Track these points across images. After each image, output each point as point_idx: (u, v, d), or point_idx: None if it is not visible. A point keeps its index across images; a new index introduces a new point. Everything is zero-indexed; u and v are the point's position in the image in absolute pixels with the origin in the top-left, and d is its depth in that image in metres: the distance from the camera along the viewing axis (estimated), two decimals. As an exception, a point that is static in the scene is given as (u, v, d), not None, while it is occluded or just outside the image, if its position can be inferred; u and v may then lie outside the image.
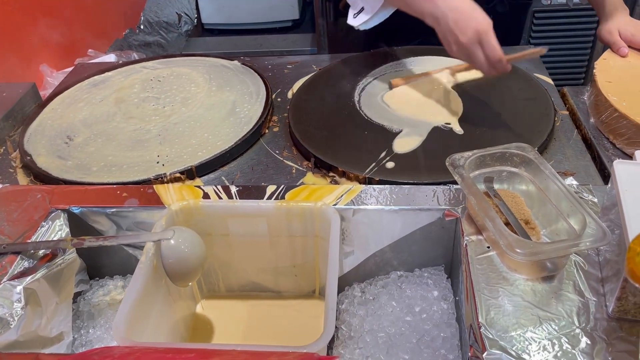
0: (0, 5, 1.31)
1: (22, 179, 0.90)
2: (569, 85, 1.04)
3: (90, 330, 0.75)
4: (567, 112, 0.97)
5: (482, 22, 0.82)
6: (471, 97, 0.99)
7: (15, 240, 0.72)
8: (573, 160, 0.85)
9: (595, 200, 0.72)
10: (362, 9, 0.98)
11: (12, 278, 0.67)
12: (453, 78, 1.03)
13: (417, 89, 1.02)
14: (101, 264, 0.82)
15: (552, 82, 1.06)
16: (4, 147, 0.98)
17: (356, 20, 0.99)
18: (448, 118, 0.93)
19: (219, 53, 1.58)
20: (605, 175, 0.82)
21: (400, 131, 0.91)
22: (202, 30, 2.44)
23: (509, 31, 1.38)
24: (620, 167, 0.60)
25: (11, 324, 0.64)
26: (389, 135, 0.91)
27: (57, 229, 0.75)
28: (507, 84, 1.02)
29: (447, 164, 0.70)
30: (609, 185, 0.63)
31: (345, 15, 1.01)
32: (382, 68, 1.11)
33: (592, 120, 0.93)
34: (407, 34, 1.20)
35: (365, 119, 0.96)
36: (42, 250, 0.72)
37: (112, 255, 0.81)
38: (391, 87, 1.03)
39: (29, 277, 0.68)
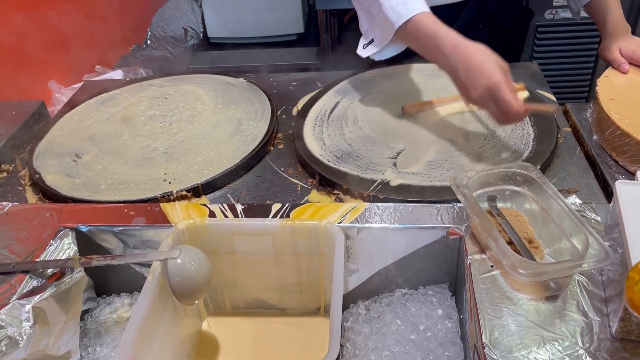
0: (9, 22, 1.33)
1: (31, 196, 0.91)
2: (571, 102, 1.05)
3: (98, 349, 0.75)
4: (569, 129, 0.98)
5: (492, 76, 0.77)
6: (473, 114, 1.00)
7: (24, 259, 0.73)
8: (576, 178, 0.85)
9: (599, 218, 0.72)
10: (372, 41, 0.96)
11: (21, 297, 0.68)
12: (467, 107, 1.00)
13: (431, 117, 1.00)
14: (108, 281, 0.83)
15: (554, 98, 1.07)
16: (13, 165, 1.00)
17: (365, 52, 0.97)
18: (452, 137, 0.94)
19: (225, 67, 1.60)
20: (609, 192, 0.82)
21: (404, 149, 0.92)
22: (207, 44, 2.47)
23: (512, 45, 1.40)
24: (622, 188, 0.60)
25: (20, 343, 0.65)
26: (393, 153, 0.91)
27: (65, 248, 0.76)
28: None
29: (450, 183, 0.70)
30: (612, 204, 0.64)
31: (349, 30, 1.02)
32: (386, 85, 1.12)
33: (594, 137, 0.94)
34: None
35: (369, 137, 0.96)
36: (51, 269, 0.73)
37: (118, 273, 0.82)
38: (404, 113, 1.01)
39: (38, 296, 0.69)
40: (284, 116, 1.09)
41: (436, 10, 1.15)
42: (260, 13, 2.37)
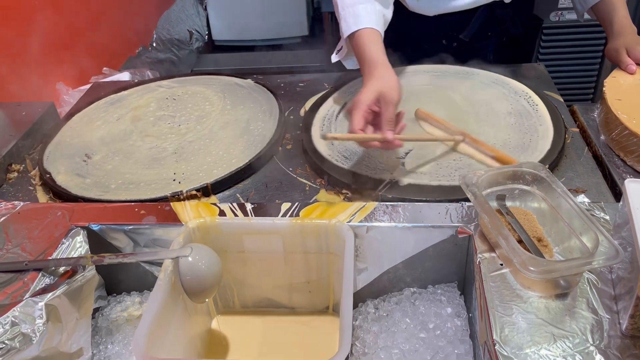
0: (16, 26, 1.34)
1: (42, 196, 0.92)
2: (577, 102, 1.05)
3: (109, 346, 0.76)
4: (577, 130, 0.98)
5: (358, 96, 0.82)
6: (482, 114, 1.00)
7: (36, 257, 0.74)
8: (584, 178, 0.86)
9: (607, 217, 0.73)
10: (341, 47, 1.02)
11: (34, 294, 0.69)
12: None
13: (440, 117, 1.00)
14: (118, 280, 0.83)
15: (561, 99, 1.07)
16: (23, 165, 1.01)
17: (335, 57, 1.05)
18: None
19: (230, 69, 1.61)
20: (617, 192, 0.83)
21: (412, 149, 0.93)
22: (212, 46, 2.48)
23: (521, 52, 1.40)
24: (631, 186, 0.61)
25: (33, 340, 0.65)
26: (402, 153, 0.92)
27: (77, 246, 0.77)
28: (518, 100, 1.03)
29: (459, 182, 0.71)
30: (621, 203, 0.64)
31: None
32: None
33: (602, 137, 0.94)
34: (419, 51, 1.22)
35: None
36: (63, 267, 0.73)
37: (129, 272, 0.82)
38: (417, 117, 1.00)
39: (50, 294, 0.70)
40: (291, 117, 1.10)
41: (444, 18, 1.16)
42: (265, 16, 2.39)
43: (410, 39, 1.22)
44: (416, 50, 1.21)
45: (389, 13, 1.01)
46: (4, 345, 0.63)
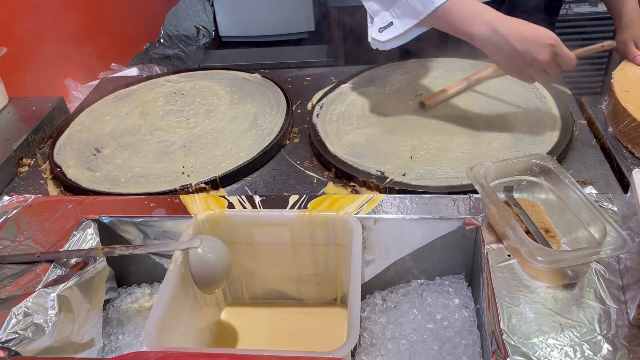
0: (26, 21, 1.35)
1: (52, 190, 0.93)
2: (586, 95, 1.05)
3: (120, 337, 0.77)
4: (585, 122, 0.98)
5: (551, 35, 0.83)
6: (490, 107, 1.00)
7: (48, 249, 0.75)
8: (592, 170, 0.86)
9: (615, 209, 0.73)
10: (390, 24, 0.90)
11: (46, 285, 0.70)
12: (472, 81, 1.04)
13: (447, 110, 1.01)
14: (128, 272, 0.84)
15: (569, 91, 1.07)
16: (34, 159, 1.02)
17: (383, 35, 0.91)
18: (469, 129, 0.95)
19: (237, 65, 1.62)
20: (625, 184, 0.82)
21: (420, 141, 0.93)
22: (219, 42, 2.49)
23: None
24: (639, 177, 0.61)
25: (46, 330, 0.66)
26: (409, 146, 0.92)
27: (88, 238, 0.78)
28: (525, 93, 1.03)
29: (467, 173, 0.71)
30: (629, 194, 0.64)
31: (362, 26, 0.99)
32: (400, 79, 1.13)
33: (610, 129, 0.94)
34: (427, 47, 1.21)
35: (384, 129, 0.97)
36: (74, 259, 0.74)
37: (139, 264, 0.83)
38: (424, 107, 1.02)
39: (62, 285, 0.71)
40: (299, 110, 1.10)
41: None
42: (272, 11, 2.39)
43: (428, 34, 1.20)
44: (430, 44, 1.19)
45: None
46: (17, 335, 0.64)
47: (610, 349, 0.56)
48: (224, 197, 0.82)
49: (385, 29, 0.91)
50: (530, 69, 0.85)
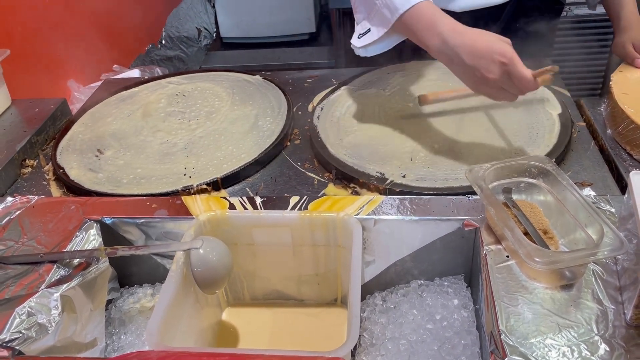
0: (28, 22, 1.36)
1: (55, 191, 0.94)
2: (585, 97, 1.06)
3: (122, 337, 0.77)
4: (584, 124, 0.99)
5: (505, 52, 0.74)
6: (489, 108, 1.01)
7: (51, 250, 0.76)
8: (590, 171, 0.86)
9: (613, 210, 0.73)
10: (368, 30, 0.92)
11: (50, 286, 0.71)
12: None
13: (447, 112, 1.01)
14: (130, 273, 0.85)
15: (568, 93, 1.08)
16: (37, 161, 1.03)
17: (360, 41, 0.93)
18: (468, 131, 0.95)
19: (238, 66, 1.63)
20: (623, 185, 0.83)
21: (420, 143, 0.93)
22: (220, 44, 2.49)
23: (544, 39, 1.37)
24: (636, 178, 0.61)
25: (49, 330, 0.67)
26: (409, 147, 0.93)
27: (90, 239, 0.79)
28: (525, 96, 1.04)
29: (466, 175, 0.72)
30: (626, 195, 0.65)
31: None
32: (401, 81, 1.14)
33: (609, 131, 0.95)
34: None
35: (384, 131, 0.98)
36: (77, 259, 0.75)
37: (141, 264, 0.84)
38: (420, 103, 1.00)
39: (65, 285, 0.71)
40: (299, 112, 1.11)
41: (478, 12, 1.15)
42: (272, 13, 2.40)
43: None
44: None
45: None
46: (20, 335, 0.65)
47: (608, 349, 0.56)
48: (225, 198, 0.82)
49: (363, 36, 0.92)
50: (485, 87, 0.79)
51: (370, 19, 0.91)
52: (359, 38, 0.94)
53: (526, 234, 0.68)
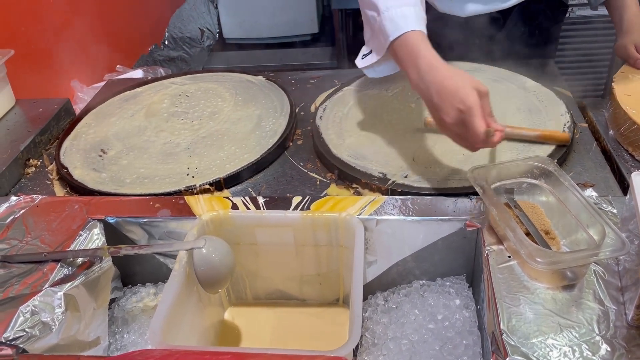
0: (33, 24, 1.37)
1: (59, 190, 0.94)
2: (587, 98, 1.06)
3: (125, 335, 0.78)
4: (586, 125, 0.99)
5: (465, 99, 0.71)
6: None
7: (55, 249, 0.76)
8: (592, 172, 0.86)
9: (615, 211, 0.73)
10: (370, 52, 0.93)
11: (53, 284, 0.71)
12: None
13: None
14: (133, 272, 0.85)
15: (571, 95, 1.08)
16: (40, 160, 1.03)
17: (362, 62, 0.94)
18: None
19: (240, 67, 1.64)
20: (625, 186, 0.83)
21: (422, 144, 0.94)
22: (223, 44, 2.50)
23: (549, 42, 1.37)
24: (638, 179, 0.61)
25: (53, 328, 0.67)
26: (411, 148, 0.93)
27: (94, 238, 0.79)
28: (526, 97, 1.04)
29: (468, 176, 0.72)
30: (628, 196, 0.65)
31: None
32: (404, 82, 1.14)
33: (611, 132, 0.95)
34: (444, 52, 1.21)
35: (387, 132, 0.98)
36: (81, 259, 0.75)
37: (144, 263, 0.84)
38: (426, 126, 0.97)
39: (69, 284, 0.72)
40: (302, 113, 1.11)
41: (484, 17, 1.15)
42: (275, 14, 2.40)
43: (438, 42, 1.19)
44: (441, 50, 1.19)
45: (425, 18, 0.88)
46: (24, 333, 0.65)
47: (609, 349, 0.56)
48: (228, 198, 0.83)
49: (366, 57, 0.94)
50: (444, 129, 0.77)
51: (371, 42, 0.92)
52: (362, 58, 0.95)
53: (528, 234, 0.68)
